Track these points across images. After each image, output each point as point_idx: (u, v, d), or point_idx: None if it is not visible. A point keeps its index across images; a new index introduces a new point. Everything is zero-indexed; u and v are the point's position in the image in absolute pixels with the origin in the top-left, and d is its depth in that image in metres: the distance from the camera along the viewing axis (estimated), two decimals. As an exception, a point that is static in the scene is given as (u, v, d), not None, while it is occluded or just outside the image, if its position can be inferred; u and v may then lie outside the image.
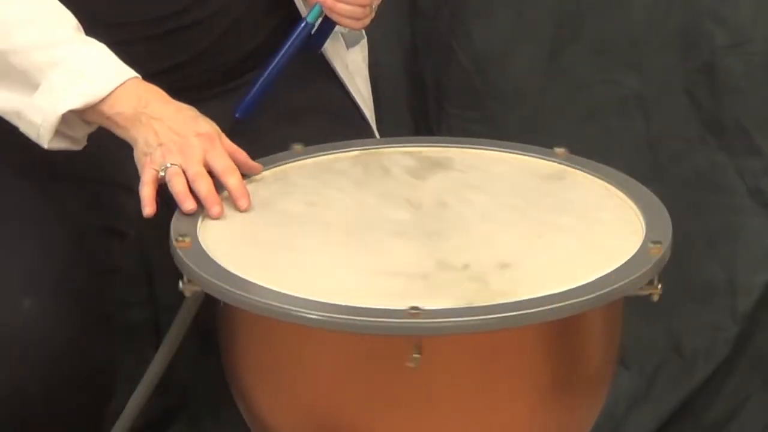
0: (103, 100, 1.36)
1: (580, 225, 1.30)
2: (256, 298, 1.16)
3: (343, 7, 1.53)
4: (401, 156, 1.45)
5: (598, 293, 1.16)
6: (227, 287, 1.18)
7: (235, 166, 1.35)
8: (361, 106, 1.65)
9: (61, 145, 1.39)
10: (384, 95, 1.78)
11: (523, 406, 1.22)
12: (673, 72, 1.91)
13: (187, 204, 1.32)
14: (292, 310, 1.14)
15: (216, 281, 1.19)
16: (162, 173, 1.34)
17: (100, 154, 1.51)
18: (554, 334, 1.19)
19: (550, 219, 1.31)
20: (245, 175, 1.37)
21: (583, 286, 1.17)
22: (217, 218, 1.31)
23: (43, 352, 1.33)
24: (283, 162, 1.44)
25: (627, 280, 1.19)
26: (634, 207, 1.33)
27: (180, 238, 1.26)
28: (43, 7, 1.40)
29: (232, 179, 1.34)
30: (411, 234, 1.28)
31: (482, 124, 2.00)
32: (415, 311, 1.13)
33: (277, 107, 1.57)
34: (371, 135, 1.64)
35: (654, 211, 1.31)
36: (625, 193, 1.35)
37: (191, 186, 1.33)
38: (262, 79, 1.54)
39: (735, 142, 1.90)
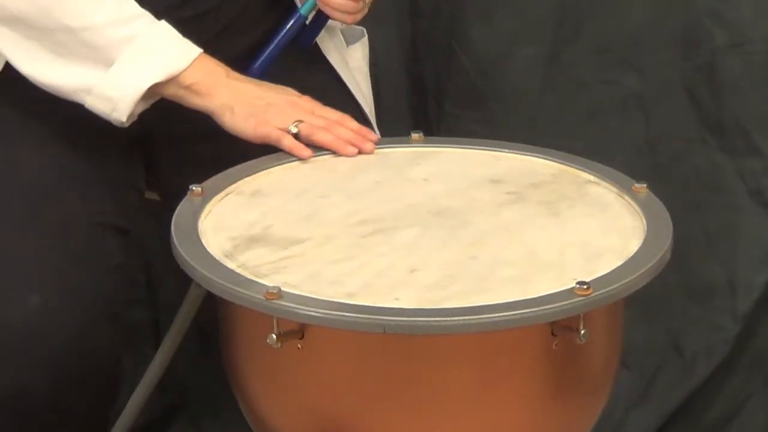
0: (183, 72, 1.40)
1: (579, 225, 1.30)
2: (257, 296, 1.16)
3: (336, 0, 1.53)
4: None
5: (599, 293, 1.16)
6: (228, 284, 1.18)
7: (343, 114, 1.43)
8: (361, 103, 1.65)
9: (130, 119, 1.42)
10: (384, 95, 1.78)
11: (524, 406, 1.21)
12: (673, 72, 1.91)
13: (349, 149, 1.41)
14: (292, 307, 1.14)
15: (216, 279, 1.18)
16: (294, 130, 1.39)
17: (104, 153, 1.51)
18: (554, 333, 1.19)
19: (549, 218, 1.31)
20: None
21: (577, 287, 1.16)
22: (371, 152, 1.41)
23: (49, 350, 1.34)
24: (290, 160, 1.43)
25: (624, 282, 1.18)
26: (635, 207, 1.33)
27: (179, 232, 1.25)
28: None
29: (351, 122, 1.43)
30: (413, 232, 1.28)
31: (482, 124, 2.00)
32: (417, 310, 1.13)
33: None
34: None
35: (654, 212, 1.31)
36: (625, 194, 1.35)
37: (332, 133, 1.41)
38: (251, 72, 1.54)
39: (735, 142, 1.90)
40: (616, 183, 1.38)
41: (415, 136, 1.49)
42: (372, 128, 1.65)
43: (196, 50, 1.42)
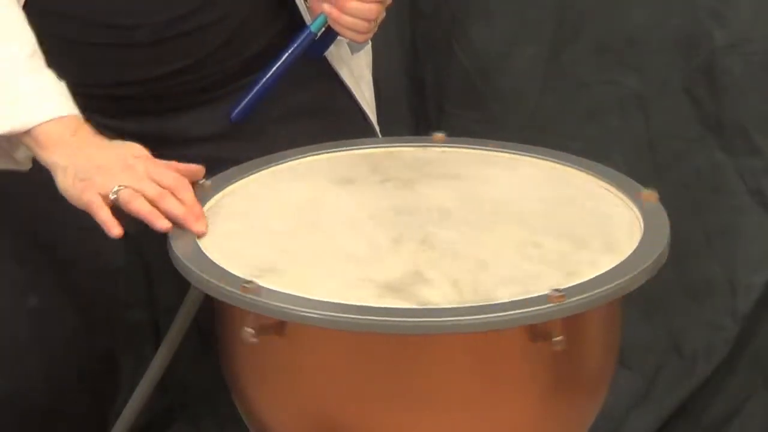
0: (33, 128, 1.32)
1: (578, 224, 1.30)
2: (255, 298, 1.16)
3: (348, 19, 1.53)
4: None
5: (599, 291, 1.16)
6: (225, 287, 1.18)
7: (185, 180, 1.31)
8: (366, 110, 1.65)
9: (6, 166, 1.36)
10: (384, 95, 1.78)
11: (522, 405, 1.22)
12: (673, 72, 1.91)
13: (161, 223, 1.26)
14: (291, 309, 1.14)
15: (214, 281, 1.19)
16: (113, 196, 1.28)
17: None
18: (553, 332, 1.19)
19: (548, 217, 1.31)
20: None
21: (584, 283, 1.17)
22: (202, 235, 1.26)
23: (48, 351, 1.34)
24: (284, 160, 1.43)
25: (621, 281, 1.18)
26: (633, 207, 1.33)
27: (176, 234, 1.26)
28: (2, 24, 1.36)
29: (185, 195, 1.29)
30: (411, 233, 1.28)
31: (482, 124, 2.00)
32: (418, 310, 1.13)
33: (280, 108, 1.57)
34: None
35: (654, 211, 1.31)
36: (625, 193, 1.35)
37: (159, 206, 1.28)
38: (260, 84, 1.54)
39: (735, 142, 1.90)
40: (616, 182, 1.38)
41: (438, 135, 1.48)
42: (375, 133, 1.65)
43: (58, 110, 1.33)
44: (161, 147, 1.57)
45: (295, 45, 1.56)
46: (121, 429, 1.44)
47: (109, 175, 1.29)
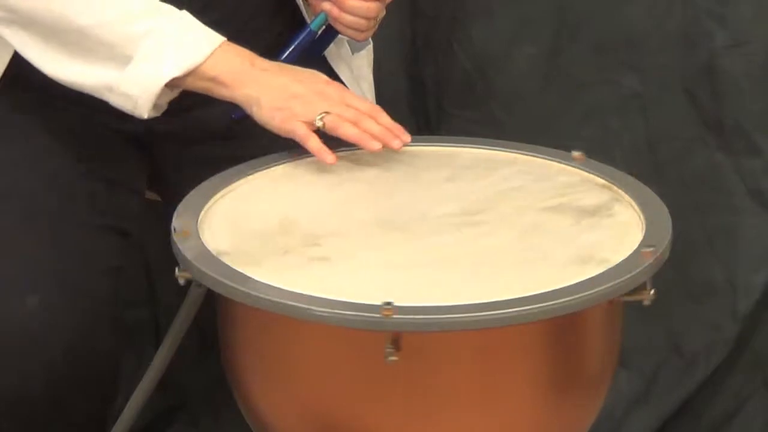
0: (202, 64, 1.36)
1: (577, 223, 1.30)
2: (256, 293, 1.16)
3: (348, 18, 1.53)
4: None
5: (587, 293, 1.16)
6: (227, 282, 1.18)
7: (377, 105, 1.38)
8: None
9: (153, 113, 1.39)
10: (384, 95, 1.78)
11: (521, 404, 1.22)
12: (673, 72, 1.91)
13: (373, 144, 1.34)
14: (293, 305, 1.14)
15: (216, 276, 1.19)
16: (319, 123, 1.34)
17: (103, 154, 1.51)
18: (553, 332, 1.19)
19: (546, 216, 1.31)
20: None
21: (575, 285, 1.17)
22: (398, 149, 1.34)
23: (48, 350, 1.33)
24: (290, 159, 1.43)
25: (618, 281, 1.18)
26: (635, 205, 1.33)
27: (179, 231, 1.26)
28: None
29: (383, 117, 1.36)
30: (415, 230, 1.28)
31: (482, 124, 2.00)
32: (419, 308, 1.13)
33: None
34: None
35: (654, 211, 1.31)
36: (626, 192, 1.35)
37: (359, 127, 1.35)
38: None
39: (735, 142, 1.90)
40: (616, 181, 1.38)
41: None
42: None
43: (216, 40, 1.38)
44: (163, 146, 1.57)
45: (296, 43, 1.55)
46: (121, 429, 1.44)
47: (307, 103, 1.35)
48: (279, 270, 1.20)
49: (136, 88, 1.37)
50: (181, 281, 1.23)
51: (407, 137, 1.38)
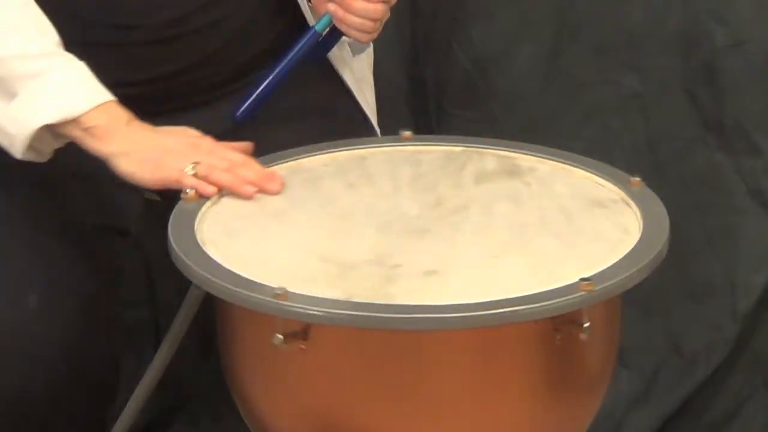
0: (82, 116, 1.34)
1: (576, 222, 1.30)
2: (255, 295, 1.16)
3: (353, 19, 1.53)
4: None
5: (598, 288, 1.16)
6: (226, 285, 1.18)
7: (249, 157, 1.36)
8: (367, 112, 1.65)
9: (28, 156, 1.37)
10: (384, 95, 1.78)
11: (520, 404, 1.22)
12: (673, 72, 1.91)
13: (246, 189, 1.33)
14: (291, 306, 1.14)
15: (214, 279, 1.19)
16: (191, 172, 1.32)
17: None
18: (554, 330, 1.19)
19: (545, 215, 1.31)
20: None
21: (571, 285, 1.17)
22: (277, 192, 1.33)
23: (47, 350, 1.33)
24: (290, 158, 1.43)
25: (617, 280, 1.18)
26: (633, 205, 1.33)
27: (177, 237, 1.26)
28: (25, 18, 1.38)
29: (255, 165, 1.35)
30: (414, 230, 1.28)
31: (482, 124, 2.00)
32: (419, 306, 1.13)
33: (282, 109, 1.57)
34: None
35: (652, 210, 1.31)
36: (624, 191, 1.35)
37: (233, 173, 1.33)
38: (264, 84, 1.54)
39: (735, 142, 1.90)
40: (615, 180, 1.38)
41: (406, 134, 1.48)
42: (376, 134, 1.65)
43: (102, 97, 1.36)
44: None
45: (300, 45, 1.55)
46: (121, 429, 1.44)
47: (179, 154, 1.34)
48: (278, 271, 1.20)
49: (13, 126, 1.35)
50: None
51: (275, 187, 1.35)
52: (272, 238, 1.27)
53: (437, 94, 2.06)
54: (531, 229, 1.28)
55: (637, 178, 1.35)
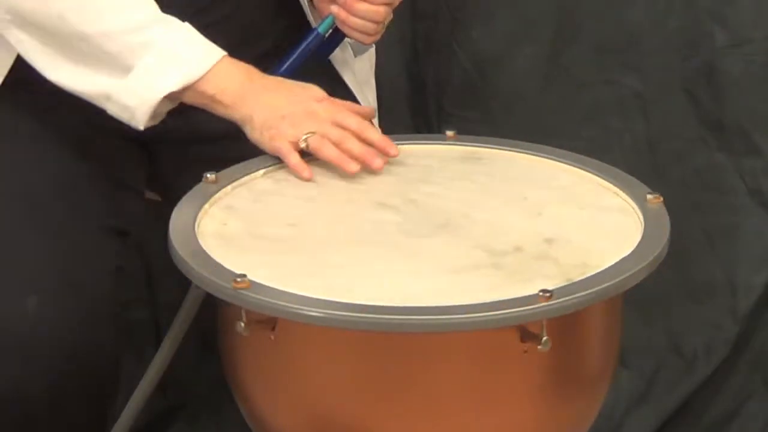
0: (201, 80, 1.38)
1: (576, 222, 1.30)
2: (257, 296, 1.16)
3: (356, 21, 1.53)
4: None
5: (599, 288, 1.16)
6: (227, 286, 1.18)
7: (367, 122, 1.38)
8: None
9: (150, 123, 1.40)
10: (384, 95, 1.78)
11: (521, 405, 1.22)
12: (673, 72, 1.91)
13: (352, 166, 1.35)
14: (292, 307, 1.14)
15: (216, 280, 1.19)
16: (303, 144, 1.36)
17: (104, 154, 1.51)
18: (554, 331, 1.19)
19: (546, 215, 1.31)
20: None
21: (584, 281, 1.17)
22: (380, 169, 1.35)
23: (48, 350, 1.34)
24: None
25: (624, 276, 1.18)
26: (633, 205, 1.33)
27: (179, 238, 1.26)
28: None
29: (372, 133, 1.37)
30: (414, 232, 1.28)
31: (482, 124, 2.00)
32: (415, 308, 1.13)
33: None
34: None
35: (653, 210, 1.31)
36: (624, 191, 1.36)
37: (341, 148, 1.36)
38: None
39: (735, 142, 1.90)
40: (615, 180, 1.38)
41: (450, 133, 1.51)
42: None
43: (215, 56, 1.39)
44: (164, 146, 1.57)
45: (303, 46, 1.55)
46: (121, 429, 1.44)
47: (295, 123, 1.37)
48: (278, 272, 1.20)
49: (133, 99, 1.38)
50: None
51: (394, 151, 1.39)
52: (273, 238, 1.28)
53: (437, 94, 2.06)
54: (532, 228, 1.29)
55: (654, 196, 1.33)
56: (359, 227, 1.29)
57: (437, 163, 1.45)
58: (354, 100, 1.65)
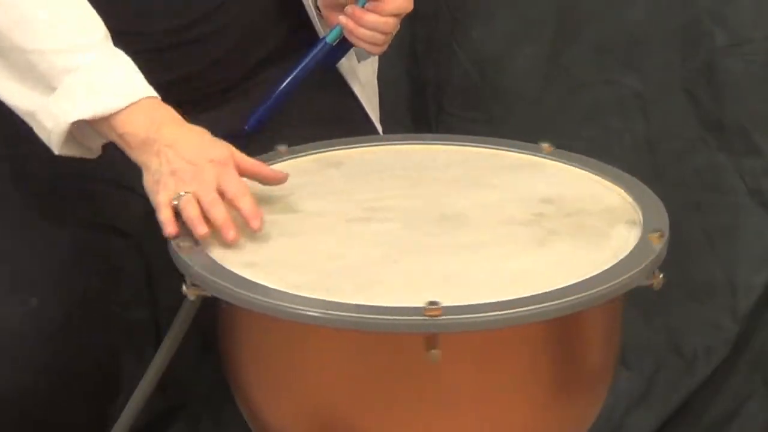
0: (114, 116, 1.34)
1: (577, 222, 1.30)
2: (257, 297, 1.16)
3: (364, 32, 1.53)
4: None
5: (601, 288, 1.16)
6: (228, 285, 1.18)
7: (246, 189, 1.32)
8: (372, 117, 1.66)
9: (73, 151, 1.38)
10: (384, 96, 1.78)
11: (522, 405, 1.22)
12: (673, 72, 1.91)
13: (200, 229, 1.29)
14: (293, 308, 1.14)
15: (216, 279, 1.19)
16: (176, 201, 1.31)
17: (103, 154, 1.51)
18: (556, 331, 1.19)
19: (547, 215, 1.31)
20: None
21: (586, 281, 1.17)
22: (233, 243, 1.28)
23: (48, 351, 1.34)
24: (288, 158, 1.44)
25: (630, 273, 1.18)
26: (633, 204, 1.33)
27: (180, 242, 1.26)
28: (72, 11, 1.38)
29: (243, 202, 1.31)
30: (415, 232, 1.28)
31: (482, 124, 2.00)
32: (416, 309, 1.13)
33: (290, 116, 1.57)
34: None
35: (652, 208, 1.31)
36: (625, 191, 1.36)
37: (206, 214, 1.30)
38: (275, 95, 1.54)
39: (735, 142, 1.90)
40: (615, 180, 1.38)
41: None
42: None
43: (135, 95, 1.35)
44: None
45: (311, 56, 1.56)
46: (121, 429, 1.44)
47: (179, 180, 1.32)
48: (279, 272, 1.20)
49: (50, 121, 1.35)
50: (192, 297, 1.23)
51: (256, 225, 1.31)
52: (275, 238, 1.28)
53: (438, 94, 2.06)
54: (533, 230, 1.29)
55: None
56: (364, 226, 1.29)
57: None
58: (361, 107, 1.65)
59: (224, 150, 1.35)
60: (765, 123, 1.88)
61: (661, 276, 1.22)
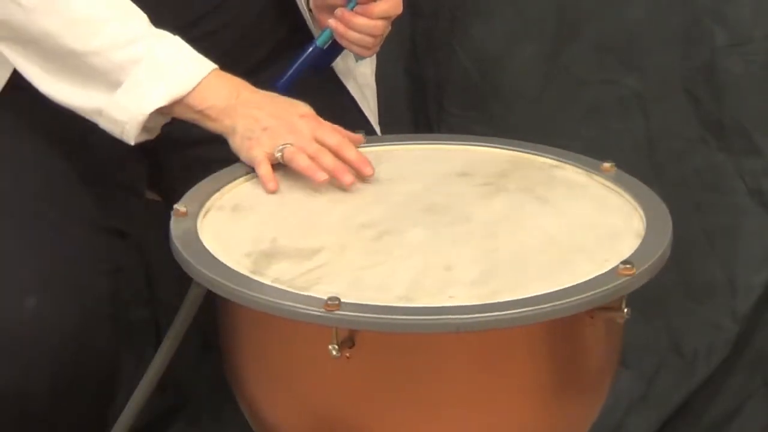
0: (189, 95, 1.38)
1: (578, 223, 1.30)
2: (257, 295, 1.16)
3: (354, 35, 1.53)
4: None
5: (597, 291, 1.16)
6: (228, 284, 1.18)
7: (347, 140, 1.38)
8: (370, 118, 1.66)
9: (143, 138, 1.41)
10: (384, 95, 1.78)
11: (523, 405, 1.22)
12: (673, 72, 1.91)
13: (320, 175, 1.35)
14: (294, 306, 1.14)
15: (217, 278, 1.19)
16: (278, 154, 1.36)
17: (104, 155, 1.51)
18: (555, 332, 1.19)
19: (548, 215, 1.31)
20: None
21: (583, 283, 1.17)
22: (349, 186, 1.34)
23: (48, 351, 1.33)
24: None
25: (626, 280, 1.18)
26: (635, 205, 1.33)
27: (179, 236, 1.26)
28: (115, 3, 1.40)
29: (349, 152, 1.37)
30: (420, 231, 1.28)
31: (482, 123, 2.00)
32: (419, 309, 1.13)
33: None
34: None
35: (654, 210, 1.31)
36: (626, 192, 1.36)
37: (315, 161, 1.36)
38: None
39: (735, 142, 1.90)
40: (616, 181, 1.38)
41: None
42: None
43: (203, 70, 1.39)
44: (164, 147, 1.57)
45: (301, 59, 1.56)
46: (121, 429, 1.44)
47: (274, 135, 1.37)
48: (279, 272, 1.20)
49: (123, 114, 1.38)
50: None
51: (369, 171, 1.38)
52: (276, 236, 1.28)
53: (437, 93, 2.06)
54: (533, 230, 1.29)
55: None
56: (363, 225, 1.29)
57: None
58: (357, 107, 1.65)
59: (306, 105, 1.41)
60: (765, 123, 1.88)
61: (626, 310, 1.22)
